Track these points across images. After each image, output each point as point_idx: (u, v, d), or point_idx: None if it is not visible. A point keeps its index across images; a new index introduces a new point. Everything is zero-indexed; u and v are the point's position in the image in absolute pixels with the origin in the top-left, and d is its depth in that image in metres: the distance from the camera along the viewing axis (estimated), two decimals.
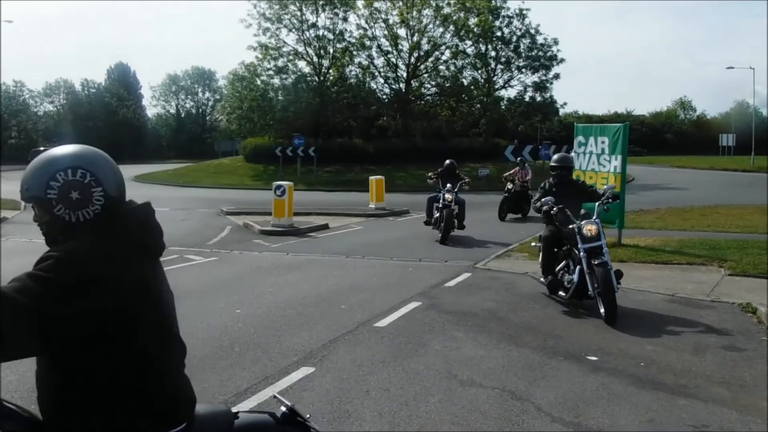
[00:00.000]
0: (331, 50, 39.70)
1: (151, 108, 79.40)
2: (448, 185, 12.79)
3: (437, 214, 12.80)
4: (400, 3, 38.57)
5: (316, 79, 40.01)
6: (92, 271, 1.70)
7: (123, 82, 70.12)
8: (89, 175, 1.81)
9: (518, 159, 19.00)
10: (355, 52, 39.81)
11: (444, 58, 40.23)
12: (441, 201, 12.57)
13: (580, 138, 11.18)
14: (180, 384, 1.96)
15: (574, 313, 6.81)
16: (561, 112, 51.55)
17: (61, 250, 1.73)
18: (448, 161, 13.65)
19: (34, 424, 1.82)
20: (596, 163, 10.85)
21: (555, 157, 7.74)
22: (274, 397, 2.28)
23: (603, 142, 10.73)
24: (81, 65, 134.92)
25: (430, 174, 13.92)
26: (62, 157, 1.83)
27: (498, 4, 39.24)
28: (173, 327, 1.97)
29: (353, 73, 41.28)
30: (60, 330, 1.66)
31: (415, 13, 38.51)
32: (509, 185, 16.86)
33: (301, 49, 39.67)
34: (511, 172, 17.61)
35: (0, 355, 1.59)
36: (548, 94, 40.73)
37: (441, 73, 40.71)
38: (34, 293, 1.61)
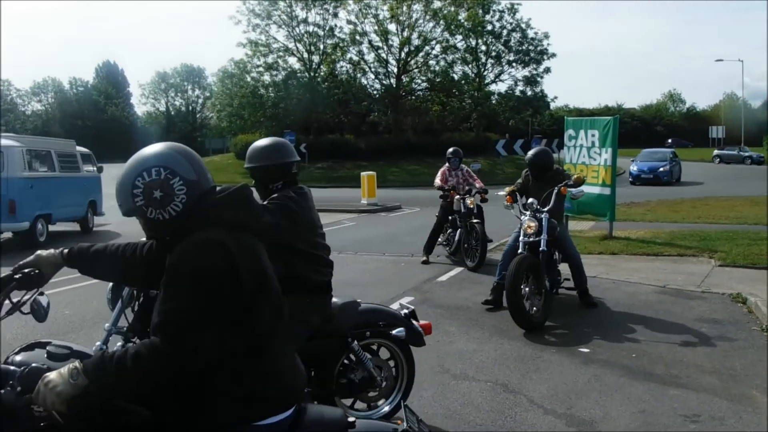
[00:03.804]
0: (322, 46, 39.64)
1: (141, 106, 78.95)
2: (531, 202, 6.63)
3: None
4: None
5: (307, 76, 39.92)
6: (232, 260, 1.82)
7: (111, 81, 69.70)
8: (162, 169, 1.88)
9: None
10: (345, 48, 39.73)
11: (434, 52, 40.25)
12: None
13: (571, 131, 11.18)
14: (292, 366, 2.00)
15: (566, 305, 6.83)
16: (552, 106, 51.80)
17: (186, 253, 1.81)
18: (539, 149, 7.26)
19: (144, 418, 1.88)
20: (587, 156, 10.87)
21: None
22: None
23: (593, 135, 10.74)
24: (69, 64, 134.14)
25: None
26: (135, 165, 1.91)
27: None
28: (283, 307, 2.00)
29: (344, 69, 41.29)
30: None
31: (405, 8, 38.44)
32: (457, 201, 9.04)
33: (291, 45, 39.63)
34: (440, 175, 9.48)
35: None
36: (539, 89, 40.94)
37: (431, 68, 40.73)
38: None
